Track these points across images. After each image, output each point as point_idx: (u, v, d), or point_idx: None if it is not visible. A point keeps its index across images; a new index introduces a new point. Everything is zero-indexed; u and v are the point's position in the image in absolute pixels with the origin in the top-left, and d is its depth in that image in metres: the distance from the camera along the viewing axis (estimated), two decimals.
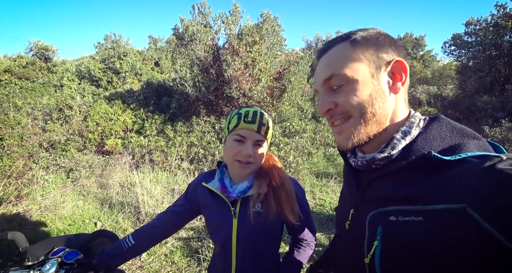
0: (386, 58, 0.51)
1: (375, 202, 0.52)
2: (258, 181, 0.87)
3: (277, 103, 5.40)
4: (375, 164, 0.54)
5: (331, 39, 0.58)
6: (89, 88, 7.88)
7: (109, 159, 4.64)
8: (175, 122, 5.51)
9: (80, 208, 3.28)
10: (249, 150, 0.82)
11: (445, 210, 0.40)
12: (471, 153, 0.43)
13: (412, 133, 0.51)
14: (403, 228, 0.44)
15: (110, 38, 12.86)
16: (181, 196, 1.00)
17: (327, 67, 0.54)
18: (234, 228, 0.86)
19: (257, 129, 0.82)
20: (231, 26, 5.96)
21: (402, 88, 0.53)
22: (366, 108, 0.51)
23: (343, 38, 0.54)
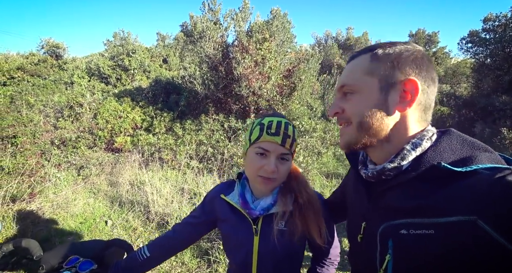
0: (399, 76, 0.52)
1: (386, 214, 0.53)
2: (283, 197, 0.80)
3: (287, 102, 5.32)
4: (385, 174, 0.55)
5: (364, 47, 0.62)
6: (98, 85, 7.94)
7: (118, 157, 4.66)
8: (183, 120, 5.49)
9: (91, 206, 3.30)
10: (272, 165, 0.74)
11: (455, 223, 0.40)
12: (482, 165, 0.43)
13: (423, 145, 0.52)
14: (414, 241, 0.45)
15: (118, 35, 12.95)
16: (197, 206, 0.95)
17: (345, 75, 0.59)
18: (255, 247, 0.80)
19: (281, 142, 0.75)
20: (241, 23, 5.88)
21: (409, 108, 0.53)
22: (364, 119, 0.55)
23: (370, 49, 0.57)
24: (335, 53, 11.75)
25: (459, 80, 11.97)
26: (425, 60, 0.53)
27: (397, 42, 0.56)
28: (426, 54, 0.55)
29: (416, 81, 0.51)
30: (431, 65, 0.54)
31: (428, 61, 0.54)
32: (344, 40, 14.09)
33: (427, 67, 0.53)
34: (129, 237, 2.80)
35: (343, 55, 11.98)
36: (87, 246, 1.00)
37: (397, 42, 0.56)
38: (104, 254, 0.93)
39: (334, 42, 13.79)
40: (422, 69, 0.52)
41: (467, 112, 7.33)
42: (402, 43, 0.55)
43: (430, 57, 0.56)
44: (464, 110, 7.36)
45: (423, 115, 0.55)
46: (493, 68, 7.27)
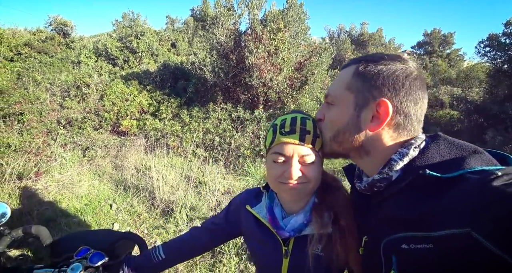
0: (375, 96, 0.53)
1: (385, 226, 0.52)
2: (318, 216, 0.66)
3: (297, 95, 5.21)
4: (376, 186, 0.56)
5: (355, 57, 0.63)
6: (106, 66, 7.83)
7: (124, 140, 4.64)
8: (191, 107, 5.42)
9: (96, 188, 3.30)
10: (295, 171, 0.61)
11: (451, 236, 0.40)
12: (468, 170, 0.43)
13: (410, 153, 0.52)
14: (416, 256, 0.45)
15: (128, 16, 12.66)
16: (221, 212, 0.86)
17: (331, 85, 0.62)
18: (284, 271, 0.70)
19: (299, 140, 0.62)
20: (255, 10, 5.69)
21: (381, 128, 0.53)
22: (336, 132, 0.59)
23: (356, 62, 0.58)
24: (347, 48, 11.47)
25: (471, 84, 11.71)
26: (409, 79, 0.52)
27: (385, 58, 0.55)
28: (414, 73, 0.53)
29: (388, 104, 0.51)
30: (418, 84, 0.53)
31: (415, 80, 0.53)
32: (357, 35, 13.71)
33: (409, 88, 0.52)
34: (134, 222, 2.80)
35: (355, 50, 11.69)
36: (99, 237, 0.96)
37: (385, 58, 0.55)
38: (115, 246, 0.90)
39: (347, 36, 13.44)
40: (401, 90, 0.52)
41: (478, 118, 7.19)
42: (390, 59, 0.54)
43: (420, 75, 0.55)
44: (475, 116, 7.22)
45: (401, 133, 0.54)
46: (510, 74, 7.07)
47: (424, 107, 0.55)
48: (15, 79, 4.79)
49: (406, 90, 0.52)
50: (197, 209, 2.94)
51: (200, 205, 2.99)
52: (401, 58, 0.55)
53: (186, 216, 2.84)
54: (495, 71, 7.59)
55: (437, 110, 9.35)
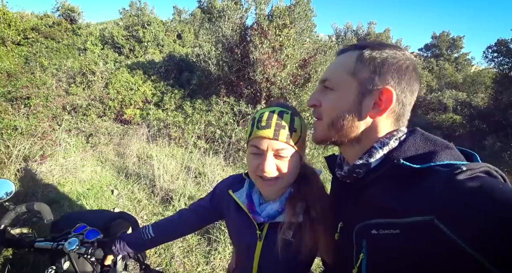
0: (378, 83, 0.53)
1: (362, 212, 0.55)
2: (291, 205, 0.70)
3: (299, 92, 5.23)
4: (355, 172, 0.58)
5: (354, 43, 0.62)
6: (112, 54, 7.87)
7: (127, 129, 4.71)
8: (194, 98, 5.47)
9: (98, 174, 3.39)
10: (268, 165, 0.65)
11: (416, 222, 0.42)
12: (439, 162, 0.46)
13: (390, 144, 0.54)
14: (384, 241, 0.48)
15: (135, 5, 12.60)
16: (206, 195, 0.92)
17: (330, 70, 0.61)
18: (257, 252, 0.75)
19: (273, 136, 0.64)
20: (262, 5, 5.67)
21: (380, 116, 0.54)
22: (336, 118, 0.57)
23: (358, 47, 0.57)
24: None
25: (477, 90, 11.62)
26: (409, 70, 0.54)
27: (387, 45, 0.56)
28: (414, 64, 0.55)
29: (392, 92, 0.52)
30: (415, 76, 0.55)
31: (412, 71, 0.54)
32: (364, 34, 13.59)
33: (409, 78, 0.54)
34: (134, 208, 2.89)
35: None
36: (95, 216, 1.05)
37: (387, 45, 0.56)
38: (110, 225, 0.98)
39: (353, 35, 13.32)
40: (403, 79, 0.53)
41: (480, 123, 7.19)
42: (392, 48, 0.55)
43: (416, 67, 0.56)
44: (477, 121, 7.21)
45: (395, 122, 0.57)
46: None
47: (413, 101, 0.57)
48: (22, 63, 4.86)
49: (407, 80, 0.53)
50: (195, 198, 3.02)
51: (198, 195, 3.08)
52: (399, 47, 0.56)
53: (184, 205, 2.92)
54: (501, 77, 7.54)
55: (440, 114, 9.32)
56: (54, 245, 0.87)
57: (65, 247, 0.84)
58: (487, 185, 0.39)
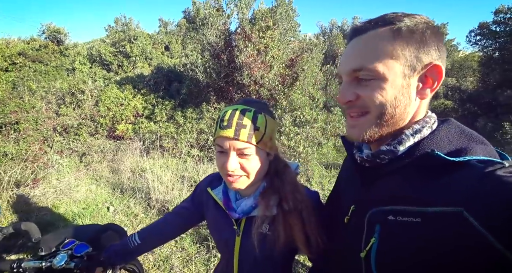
0: (424, 60, 0.47)
1: (377, 199, 0.52)
2: (264, 200, 0.71)
3: (289, 92, 5.26)
4: (380, 158, 0.53)
5: (370, 19, 0.51)
6: (100, 72, 7.89)
7: (120, 144, 4.71)
8: (185, 108, 5.49)
9: (93, 192, 3.37)
10: (230, 163, 0.65)
11: (442, 213, 0.40)
12: (475, 157, 0.42)
13: (423, 132, 0.50)
14: (400, 228, 0.45)
15: (120, 21, 12.70)
16: (189, 196, 0.93)
17: (360, 56, 0.50)
18: (236, 247, 0.77)
19: (233, 135, 0.64)
20: (244, 10, 5.74)
21: (431, 94, 0.50)
22: (386, 109, 0.49)
23: (386, 22, 0.48)
24: (340, 43, 11.49)
25: (466, 74, 11.72)
26: (441, 35, 0.48)
27: (411, 15, 0.48)
28: (438, 26, 0.49)
29: (441, 67, 0.47)
30: (443, 39, 0.50)
31: (441, 36, 0.49)
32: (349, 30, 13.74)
33: (442, 45, 0.48)
34: (131, 223, 2.87)
35: None
36: (83, 230, 1.04)
37: (411, 15, 0.48)
38: (100, 238, 0.97)
39: (339, 32, 13.45)
40: (442, 48, 0.48)
41: (471, 107, 7.24)
42: (417, 16, 0.49)
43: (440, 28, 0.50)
44: (468, 104, 7.27)
45: (429, 100, 0.52)
46: (501, 62, 7.10)
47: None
48: (10, 89, 4.86)
49: (444, 48, 0.49)
50: None
51: None
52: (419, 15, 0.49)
53: None
54: (486, 60, 7.62)
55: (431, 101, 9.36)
56: (43, 263, 0.86)
57: (54, 263, 0.83)
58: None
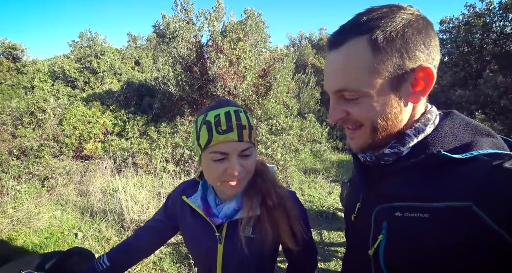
0: (411, 65, 0.44)
1: (382, 198, 0.51)
2: (248, 200, 0.70)
3: (263, 101, 5.36)
4: (384, 160, 0.52)
5: (343, 26, 0.48)
6: (64, 89, 7.44)
7: (88, 164, 4.39)
8: (158, 123, 5.32)
9: (58, 219, 3.07)
10: (236, 167, 0.63)
11: (451, 208, 0.39)
12: (482, 151, 0.41)
13: (426, 131, 0.49)
14: (408, 224, 0.44)
15: (85, 35, 12.23)
16: (160, 208, 0.86)
17: (341, 75, 0.48)
18: (219, 255, 0.72)
19: (238, 138, 0.62)
20: (215, 22, 5.83)
21: (424, 96, 0.47)
22: (378, 123, 0.48)
23: (361, 29, 0.44)
24: (309, 53, 12.08)
25: None
26: (428, 29, 0.44)
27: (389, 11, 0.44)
28: (425, 18, 0.45)
29: (431, 68, 0.44)
30: (434, 31, 0.45)
31: (430, 28, 0.45)
32: (317, 40, 14.51)
33: (433, 39, 0.45)
34: (102, 248, 2.65)
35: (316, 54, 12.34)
36: (43, 258, 0.93)
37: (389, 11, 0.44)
38: (63, 265, 0.87)
39: (307, 42, 14.16)
40: (430, 44, 0.44)
41: None
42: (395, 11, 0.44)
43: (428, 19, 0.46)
44: None
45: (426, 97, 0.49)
46: (451, 65, 7.91)
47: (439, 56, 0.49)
48: None
49: (432, 43, 0.45)
50: None
51: None
52: (403, 7, 0.45)
53: None
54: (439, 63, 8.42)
55: None
56: None
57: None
58: None
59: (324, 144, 5.79)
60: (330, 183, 4.49)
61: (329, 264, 2.54)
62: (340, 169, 5.19)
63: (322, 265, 2.51)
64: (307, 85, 7.94)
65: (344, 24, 0.48)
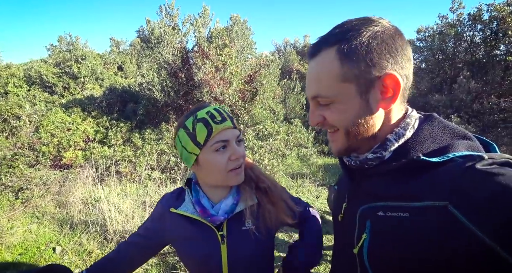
0: (376, 73, 0.47)
1: (366, 197, 0.53)
2: (244, 191, 0.74)
3: (249, 106, 5.38)
4: (367, 164, 0.55)
5: (320, 37, 0.52)
6: (41, 95, 7.08)
7: (68, 174, 4.18)
8: (143, 129, 5.19)
9: (34, 233, 2.89)
10: (239, 150, 0.69)
11: (429, 207, 0.41)
12: (457, 153, 0.44)
13: (406, 135, 0.51)
14: (390, 223, 0.46)
15: (65, 39, 11.81)
16: (145, 222, 0.83)
17: (315, 83, 0.52)
18: (224, 256, 0.71)
19: (232, 125, 0.70)
20: (201, 28, 5.83)
21: (394, 103, 0.49)
22: (350, 126, 0.51)
23: (332, 41, 0.49)
24: (294, 59, 12.32)
25: None
26: (397, 39, 0.48)
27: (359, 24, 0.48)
28: (394, 29, 0.49)
29: (396, 76, 0.47)
30: (404, 41, 0.49)
31: (398, 38, 0.48)
32: (301, 47, 14.85)
33: (401, 47, 0.48)
34: (83, 263, 2.51)
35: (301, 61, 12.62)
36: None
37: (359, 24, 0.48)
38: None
39: (292, 49, 14.45)
40: (397, 54, 0.47)
41: None
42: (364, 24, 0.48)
43: (398, 29, 0.49)
44: None
45: (403, 99, 0.52)
46: (427, 71, 8.36)
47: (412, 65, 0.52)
48: None
49: (401, 51, 0.48)
50: None
51: None
52: (372, 20, 0.49)
53: None
54: (416, 70, 8.87)
55: None
56: None
57: None
58: (508, 176, 0.37)
59: (310, 148, 5.88)
60: (317, 187, 4.55)
61: (319, 268, 2.55)
62: (327, 173, 5.27)
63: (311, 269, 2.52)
64: (292, 90, 8.07)
65: (321, 36, 0.53)
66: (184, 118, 0.71)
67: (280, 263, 0.82)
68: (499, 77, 6.62)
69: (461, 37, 7.43)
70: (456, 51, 7.76)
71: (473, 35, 7.30)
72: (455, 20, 7.50)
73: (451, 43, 7.74)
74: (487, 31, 6.94)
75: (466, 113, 6.48)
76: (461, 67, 7.51)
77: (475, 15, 6.99)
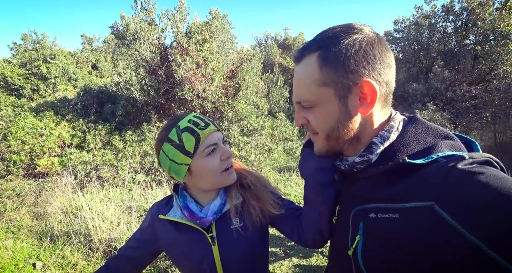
0: (354, 79, 0.49)
1: (358, 200, 0.55)
2: (231, 190, 0.75)
3: (233, 102, 5.30)
4: (356, 168, 0.57)
5: (305, 43, 0.55)
6: (6, 99, 6.57)
7: (44, 183, 3.94)
8: (123, 131, 4.97)
9: (10, 249, 2.70)
10: (227, 149, 0.72)
11: (416, 208, 0.43)
12: (441, 154, 0.46)
13: (391, 138, 0.53)
14: (381, 224, 0.48)
15: (30, 37, 10.97)
16: (134, 234, 0.82)
17: (298, 87, 0.56)
18: (216, 257, 0.72)
19: (216, 128, 0.72)
20: (178, 23, 5.61)
21: (372, 108, 0.51)
22: (329, 130, 0.55)
23: (314, 48, 0.52)
24: (275, 53, 12.25)
25: None
26: (375, 46, 0.49)
27: (339, 32, 0.50)
28: (375, 36, 0.50)
29: (372, 83, 0.48)
30: (383, 48, 0.50)
31: (378, 44, 0.50)
32: (282, 40, 14.79)
33: (380, 55, 0.49)
34: None
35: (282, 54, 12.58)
36: None
37: (339, 32, 0.50)
38: None
39: (273, 42, 14.36)
40: (375, 61, 0.49)
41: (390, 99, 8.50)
42: (345, 32, 0.50)
43: (380, 37, 0.51)
44: None
45: (384, 104, 0.53)
46: (405, 61, 8.64)
47: (394, 71, 0.54)
48: None
49: (379, 59, 0.49)
50: None
51: None
52: (354, 27, 0.50)
53: None
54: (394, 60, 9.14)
55: None
56: None
57: None
58: (488, 175, 0.39)
59: (295, 141, 5.93)
60: None
61: (311, 260, 2.60)
62: None
63: (303, 262, 2.56)
64: (275, 84, 8.06)
65: (306, 41, 0.56)
66: (165, 132, 0.70)
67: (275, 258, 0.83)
68: (470, 66, 6.98)
69: (434, 27, 7.71)
70: (430, 41, 8.06)
71: (446, 26, 7.60)
72: (430, 11, 7.76)
73: (425, 34, 8.02)
74: (458, 21, 7.24)
75: (441, 100, 6.79)
76: (435, 56, 7.83)
77: (447, 7, 7.26)
